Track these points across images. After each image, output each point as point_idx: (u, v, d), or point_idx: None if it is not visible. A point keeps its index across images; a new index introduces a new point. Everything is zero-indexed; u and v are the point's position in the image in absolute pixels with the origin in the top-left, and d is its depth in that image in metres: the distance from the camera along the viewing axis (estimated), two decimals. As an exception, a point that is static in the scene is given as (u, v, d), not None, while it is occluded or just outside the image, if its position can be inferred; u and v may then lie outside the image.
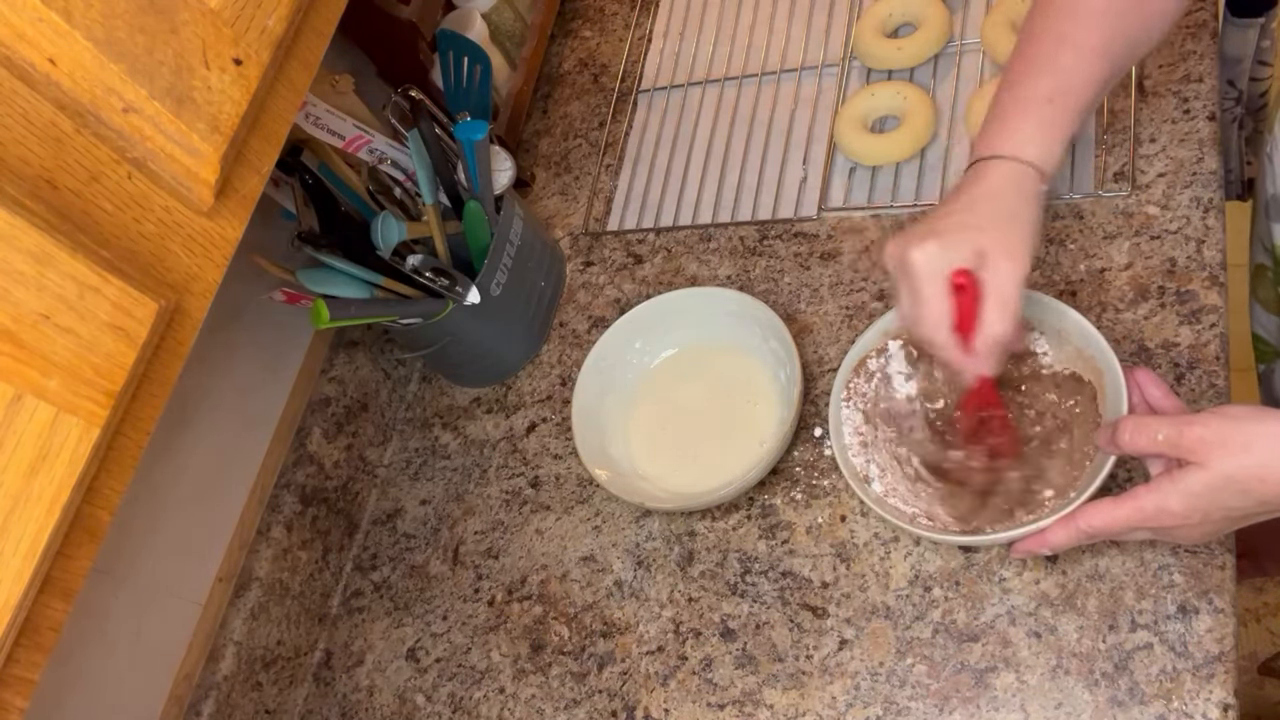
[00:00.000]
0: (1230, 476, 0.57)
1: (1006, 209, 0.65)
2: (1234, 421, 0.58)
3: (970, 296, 0.64)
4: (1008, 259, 0.63)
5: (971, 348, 0.65)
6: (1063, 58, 0.67)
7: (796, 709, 0.78)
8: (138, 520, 0.84)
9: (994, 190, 0.66)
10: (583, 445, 0.90)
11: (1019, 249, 0.64)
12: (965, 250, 0.64)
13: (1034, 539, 0.67)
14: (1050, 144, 0.66)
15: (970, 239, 0.64)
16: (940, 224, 0.66)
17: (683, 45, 1.16)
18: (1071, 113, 0.67)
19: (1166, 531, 0.63)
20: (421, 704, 0.91)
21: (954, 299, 0.64)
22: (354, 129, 0.89)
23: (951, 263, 0.64)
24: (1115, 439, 0.64)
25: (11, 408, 0.46)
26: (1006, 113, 0.68)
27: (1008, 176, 0.66)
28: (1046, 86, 0.67)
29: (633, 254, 1.05)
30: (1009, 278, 0.63)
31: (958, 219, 0.65)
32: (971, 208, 0.66)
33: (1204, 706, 0.67)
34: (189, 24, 0.54)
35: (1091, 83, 0.67)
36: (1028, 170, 0.66)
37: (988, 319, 0.64)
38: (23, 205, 0.47)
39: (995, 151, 0.67)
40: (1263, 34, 1.02)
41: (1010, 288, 0.64)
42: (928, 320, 0.65)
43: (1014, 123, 0.67)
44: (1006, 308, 0.64)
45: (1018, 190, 0.66)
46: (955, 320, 0.65)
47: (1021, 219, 0.65)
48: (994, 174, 0.66)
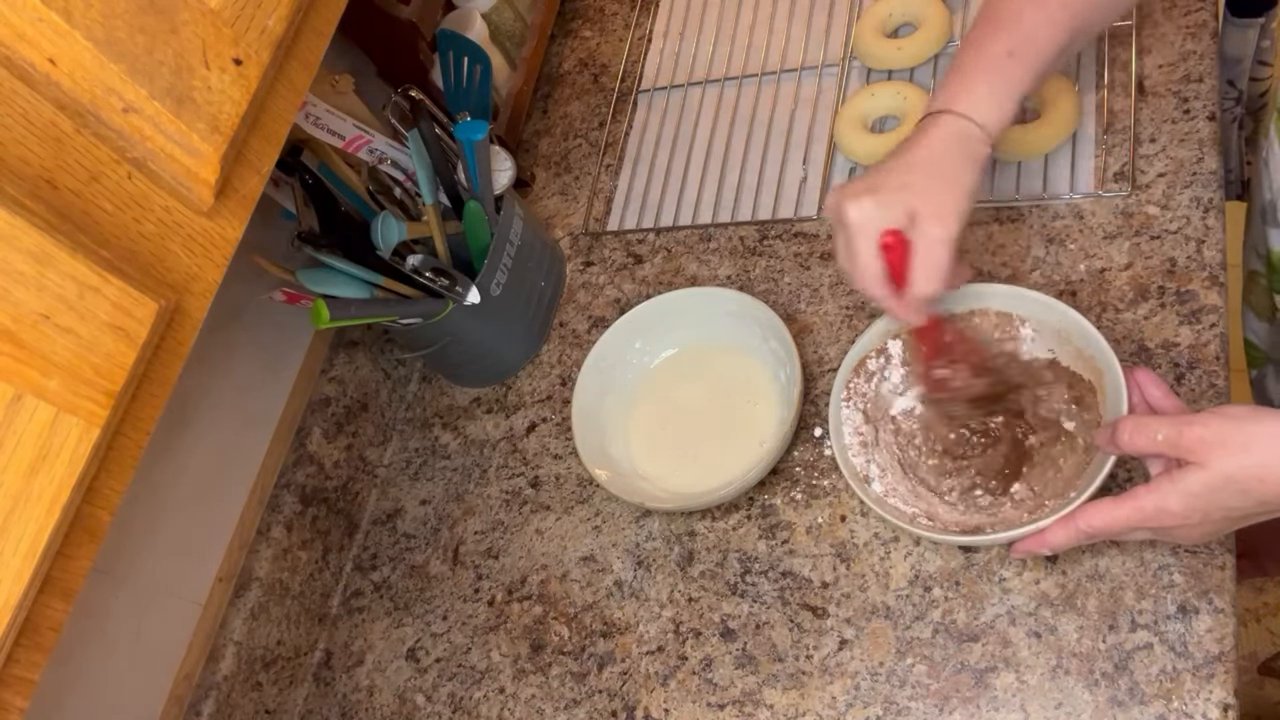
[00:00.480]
0: (1230, 476, 0.57)
1: (945, 172, 0.67)
2: (1234, 421, 0.58)
3: (898, 255, 0.67)
4: (937, 222, 0.66)
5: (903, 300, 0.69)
6: (1025, 13, 0.69)
7: (796, 709, 0.78)
8: (138, 520, 0.84)
9: (937, 151, 0.68)
10: (583, 445, 0.90)
11: (950, 212, 0.66)
12: (897, 210, 0.66)
13: (1034, 539, 0.67)
14: (1003, 102, 0.68)
15: (903, 199, 0.67)
16: (879, 180, 0.68)
17: (683, 45, 1.16)
18: (1029, 69, 0.68)
19: (1166, 532, 0.63)
20: (421, 704, 0.91)
21: (885, 257, 0.67)
22: (354, 129, 0.89)
23: (883, 221, 0.67)
24: (1115, 439, 0.64)
25: (11, 408, 0.46)
26: (965, 68, 0.70)
27: (954, 136, 0.68)
28: (1006, 41, 0.68)
29: (633, 254, 1.05)
30: (936, 240, 0.66)
31: (896, 178, 0.68)
32: (911, 167, 0.68)
33: (1204, 706, 0.67)
34: (189, 24, 0.54)
35: (1053, 40, 0.69)
36: (975, 130, 0.68)
37: (915, 279, 0.67)
38: (23, 205, 0.47)
39: (948, 106, 0.69)
40: (1263, 34, 1.02)
41: (937, 249, 0.66)
42: (860, 275, 0.69)
43: (971, 78, 0.69)
44: (933, 268, 0.67)
45: (961, 151, 0.68)
46: (888, 273, 0.68)
47: (958, 183, 0.67)
48: (941, 130, 0.68)
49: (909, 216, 0.66)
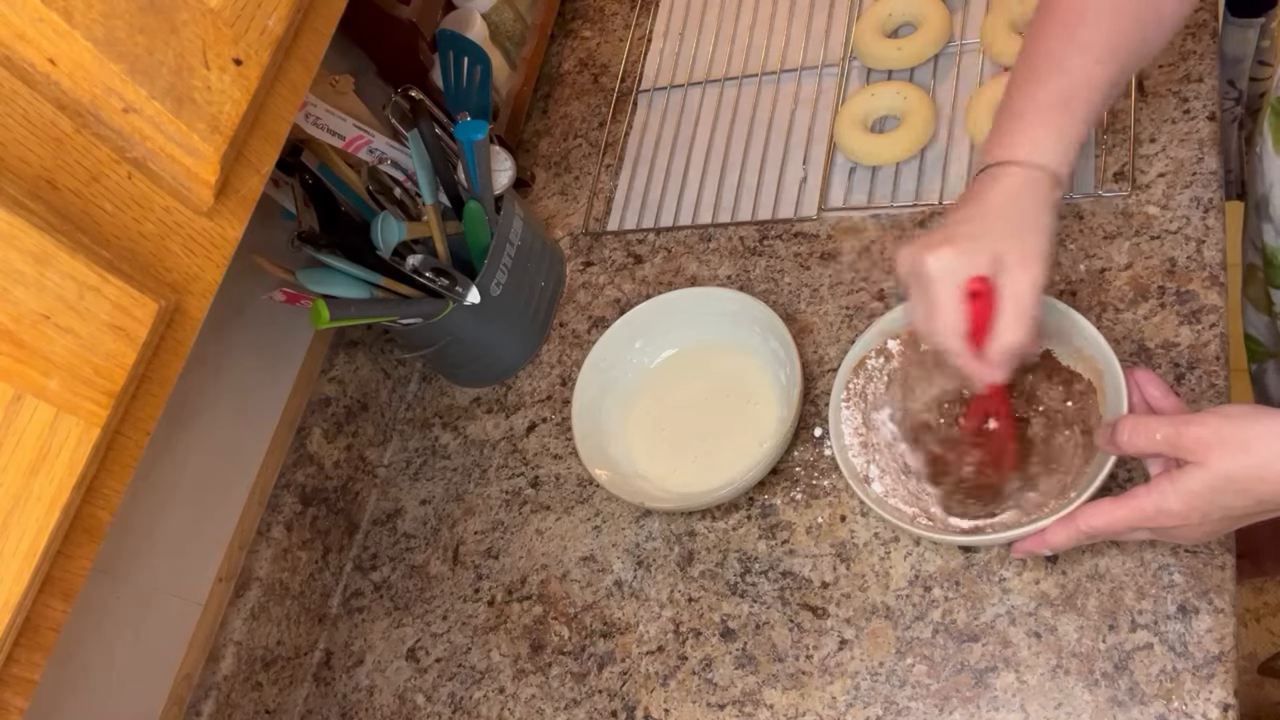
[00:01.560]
0: (1230, 476, 0.57)
1: (1023, 216, 0.64)
2: (1233, 421, 0.58)
3: (986, 304, 0.63)
4: (1024, 267, 0.63)
5: (984, 355, 0.65)
6: (1071, 60, 0.66)
7: (796, 709, 0.78)
8: (138, 520, 0.84)
9: (1010, 196, 0.65)
10: (583, 445, 0.90)
11: (1036, 256, 0.63)
12: (981, 257, 0.63)
13: (1034, 539, 0.67)
14: (1065, 148, 0.66)
15: (987, 246, 0.63)
16: (956, 230, 0.65)
17: (683, 45, 1.16)
18: (1083, 116, 0.66)
19: (1166, 532, 0.63)
20: (421, 704, 0.91)
21: (968, 306, 0.64)
22: (354, 129, 0.89)
23: (967, 269, 0.63)
24: (1114, 438, 0.64)
25: (11, 408, 0.46)
26: (1020, 116, 0.67)
27: (1024, 183, 0.65)
28: (1057, 89, 0.66)
29: (633, 254, 1.05)
30: (1026, 285, 0.63)
31: (974, 226, 0.65)
32: (987, 215, 0.65)
33: (1204, 706, 0.67)
34: (189, 24, 0.54)
35: (1101, 85, 0.66)
36: (1043, 176, 0.65)
37: (1003, 327, 0.64)
38: (23, 205, 0.47)
39: (1010, 157, 0.66)
40: (1263, 34, 1.02)
41: (1027, 295, 0.63)
42: (941, 327, 0.65)
43: (1028, 127, 0.66)
44: (1022, 316, 0.63)
45: (1034, 196, 0.65)
46: (969, 327, 0.64)
47: (1038, 226, 0.64)
48: (1009, 180, 0.66)
49: (994, 262, 0.63)
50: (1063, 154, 0.66)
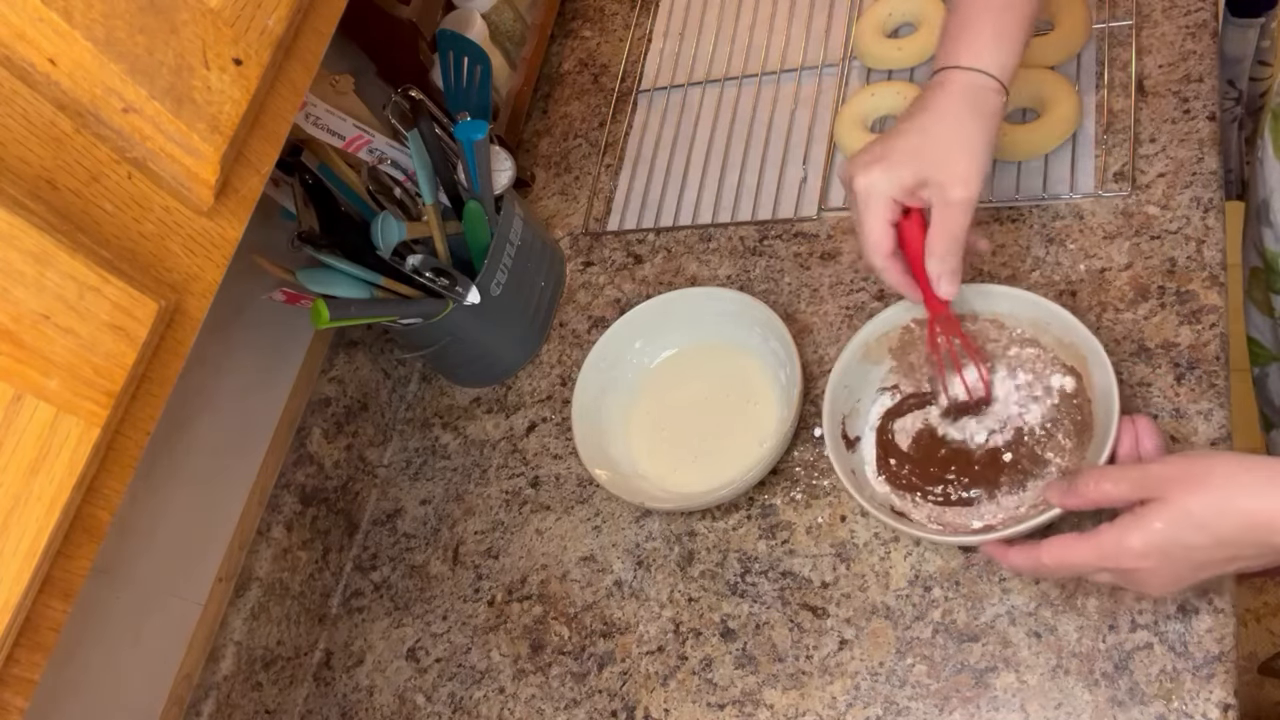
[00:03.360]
0: (1189, 511, 0.56)
1: (959, 131, 0.65)
2: (1193, 458, 0.58)
3: (914, 226, 0.64)
4: (954, 185, 0.63)
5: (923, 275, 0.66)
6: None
7: (796, 709, 0.78)
8: (138, 520, 0.84)
9: (948, 109, 0.66)
10: (583, 445, 0.90)
11: (968, 175, 0.64)
12: (909, 177, 0.64)
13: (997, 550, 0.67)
14: (1008, 52, 0.66)
15: (916, 166, 0.64)
16: (889, 145, 0.66)
17: (683, 45, 1.16)
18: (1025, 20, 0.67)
19: (1129, 575, 0.61)
20: (421, 704, 0.91)
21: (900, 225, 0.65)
22: (354, 129, 0.89)
23: (892, 191, 0.64)
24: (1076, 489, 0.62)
25: (11, 408, 0.46)
26: (961, 23, 0.68)
27: (964, 91, 0.66)
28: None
29: (633, 254, 1.05)
30: (954, 204, 0.63)
31: (907, 142, 0.65)
32: (924, 129, 0.66)
33: (1204, 706, 0.67)
34: (189, 24, 0.54)
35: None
36: (986, 81, 0.65)
37: (933, 246, 0.64)
38: (23, 205, 0.47)
39: (955, 62, 0.67)
40: (1263, 34, 1.02)
41: (955, 215, 0.64)
42: (866, 246, 0.66)
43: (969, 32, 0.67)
44: (952, 235, 0.64)
45: (973, 107, 0.65)
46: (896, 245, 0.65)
47: (972, 141, 0.65)
48: (950, 87, 0.66)
49: (923, 183, 0.63)
50: (1007, 58, 0.66)
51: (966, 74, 0.66)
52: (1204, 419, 0.76)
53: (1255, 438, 1.10)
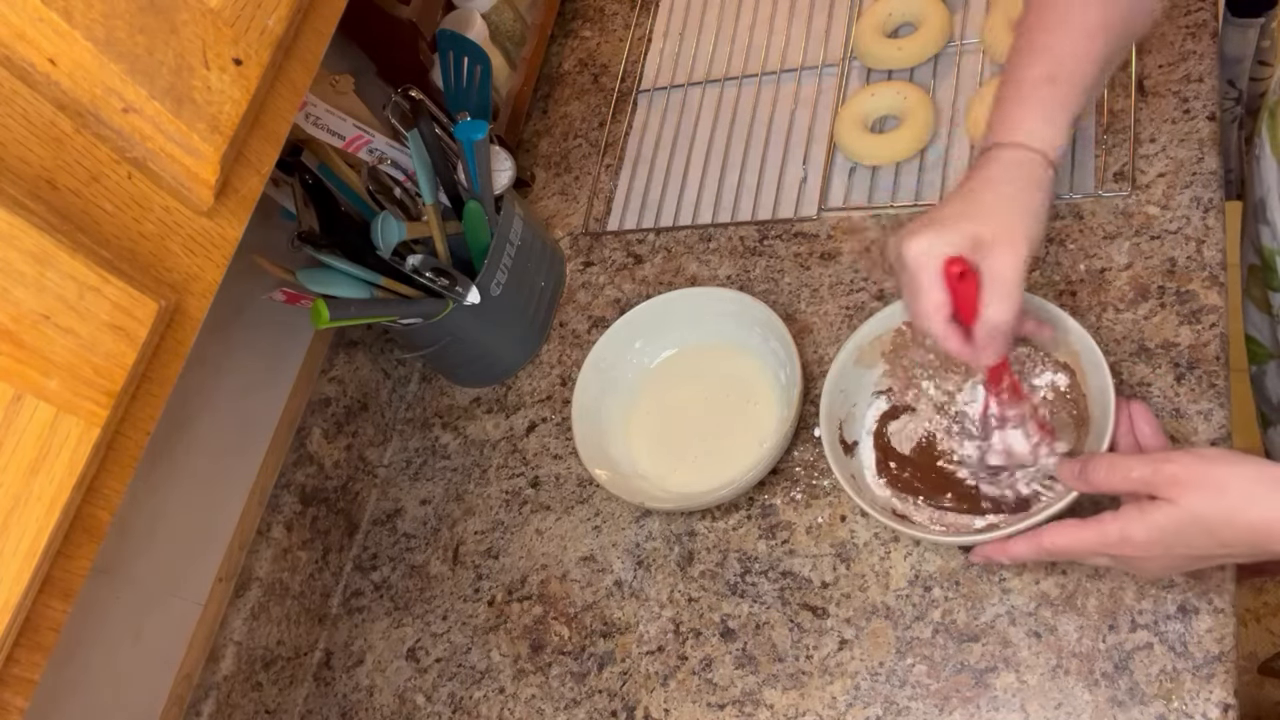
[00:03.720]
0: (1198, 516, 0.57)
1: (1006, 195, 0.65)
2: (1209, 462, 0.58)
3: (967, 286, 0.63)
4: (1005, 245, 0.63)
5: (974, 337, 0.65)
6: (1060, 36, 0.67)
7: (796, 709, 0.78)
8: (138, 520, 0.84)
9: (994, 177, 0.65)
10: (583, 445, 0.90)
11: (1017, 235, 0.63)
12: (960, 238, 0.63)
13: (995, 547, 0.67)
14: (1052, 125, 0.66)
15: (966, 227, 0.63)
16: (939, 214, 0.66)
17: (683, 45, 1.16)
18: (1073, 92, 0.66)
19: (1126, 561, 0.63)
20: (421, 704, 0.91)
21: (951, 289, 0.64)
22: (354, 129, 0.89)
23: (946, 251, 0.63)
24: (1087, 475, 0.63)
25: (11, 408, 0.46)
26: (1009, 99, 0.68)
27: (1010, 163, 0.65)
28: (1045, 67, 0.66)
29: (633, 254, 1.05)
30: (1007, 264, 0.63)
31: (954, 208, 0.65)
32: (970, 196, 0.66)
33: (1204, 706, 0.67)
34: (189, 24, 0.54)
35: (1091, 60, 0.66)
36: (1031, 155, 0.65)
37: (986, 306, 0.63)
38: (23, 205, 0.47)
39: (999, 140, 0.67)
40: (1263, 34, 1.02)
41: (1008, 274, 0.63)
42: (923, 310, 0.65)
43: (1014, 108, 0.67)
44: (1005, 294, 0.63)
45: (1020, 176, 0.65)
46: (954, 310, 0.64)
47: (1021, 204, 0.64)
48: (998, 162, 0.66)
49: (974, 243, 0.63)
50: (1051, 133, 0.66)
51: (1011, 150, 0.66)
52: (1204, 419, 0.76)
53: (1254, 437, 1.10)
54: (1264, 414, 1.05)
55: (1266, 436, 1.06)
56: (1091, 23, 0.66)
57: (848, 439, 0.80)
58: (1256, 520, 0.56)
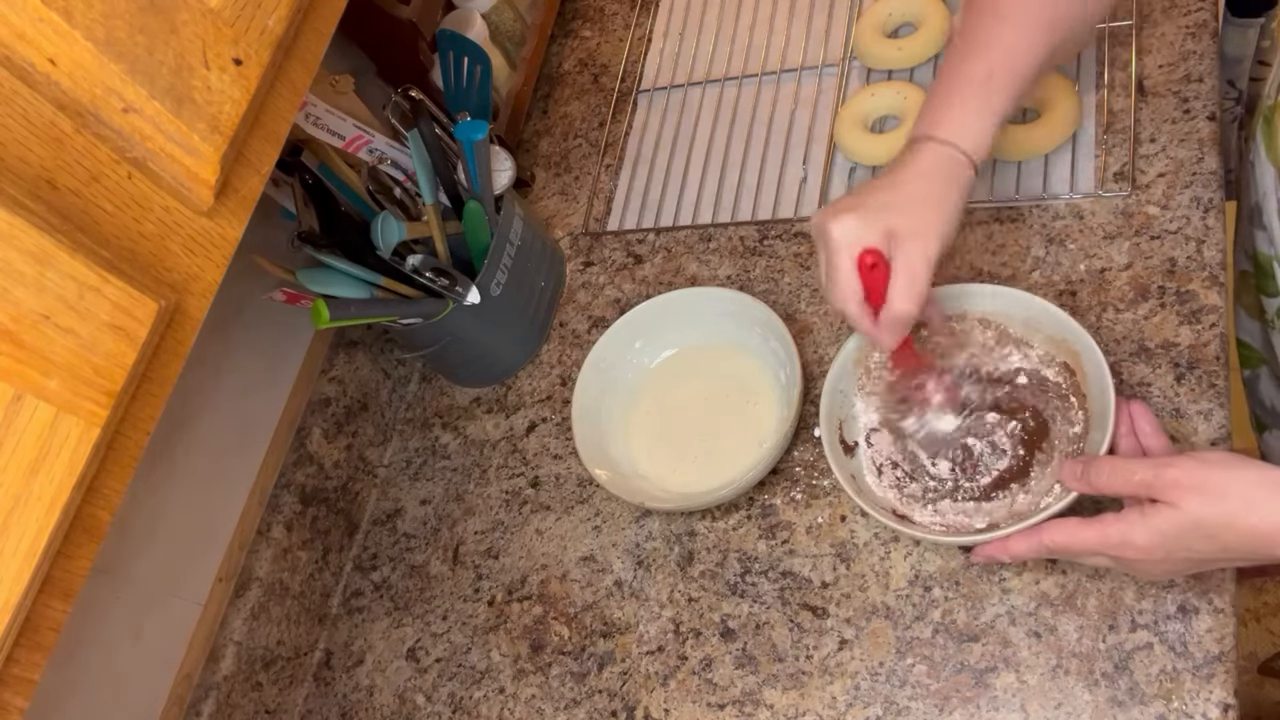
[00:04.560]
0: (1199, 521, 0.58)
1: (928, 192, 0.68)
2: (1211, 467, 0.58)
3: (879, 274, 0.67)
4: (918, 240, 0.66)
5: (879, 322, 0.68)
6: (1002, 35, 0.69)
7: (796, 709, 0.78)
8: (138, 520, 0.84)
9: (921, 172, 0.68)
10: (583, 445, 0.90)
11: (931, 231, 0.66)
12: (877, 230, 0.66)
13: (996, 545, 0.68)
14: (983, 129, 0.68)
15: (884, 218, 0.67)
16: (862, 198, 0.68)
17: (683, 45, 1.16)
18: (1009, 90, 0.68)
19: (1126, 563, 0.63)
20: (421, 704, 0.91)
21: (864, 276, 0.67)
22: (354, 129, 0.89)
23: (863, 239, 0.66)
24: (1089, 478, 0.64)
25: (11, 408, 0.46)
26: (946, 94, 0.70)
27: (937, 159, 0.68)
28: (984, 65, 0.68)
29: (633, 254, 1.05)
30: (917, 257, 0.66)
31: (879, 197, 0.68)
32: (895, 187, 0.69)
33: (1204, 706, 0.67)
34: (189, 24, 0.54)
35: (1031, 60, 0.69)
36: (958, 156, 0.68)
37: (892, 296, 0.67)
38: (23, 205, 0.47)
39: (929, 133, 0.69)
40: (1263, 34, 1.02)
41: (917, 268, 0.66)
42: (837, 292, 0.68)
43: (950, 105, 0.69)
44: (911, 286, 0.66)
45: (945, 174, 0.68)
46: (865, 295, 0.68)
47: (941, 204, 0.67)
48: (925, 156, 0.69)
49: (889, 235, 0.67)
50: (980, 132, 0.68)
51: (942, 146, 0.68)
52: (1204, 419, 0.76)
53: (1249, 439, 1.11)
54: (1258, 418, 1.05)
55: (1263, 440, 1.06)
56: (1037, 23, 0.68)
57: (848, 439, 0.80)
58: (1258, 524, 0.56)
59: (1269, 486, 0.56)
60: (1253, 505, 0.56)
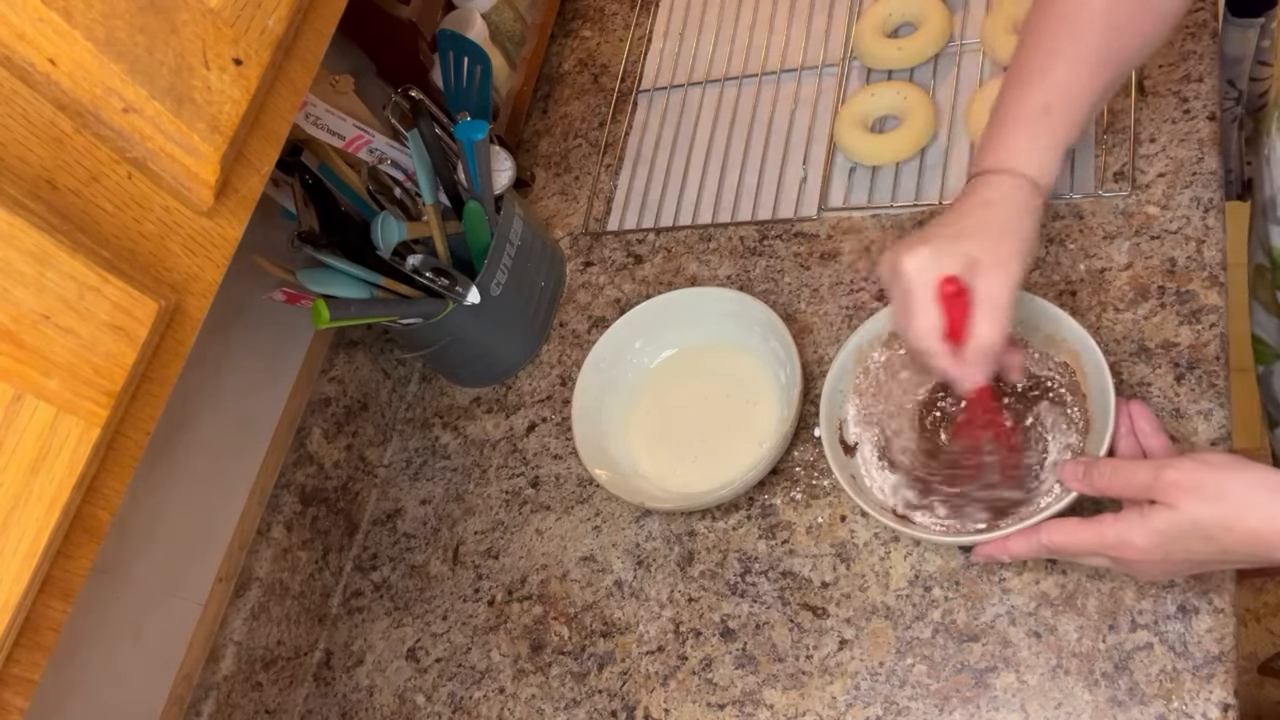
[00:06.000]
0: (1197, 522, 0.58)
1: (1000, 219, 0.66)
2: (1210, 468, 0.58)
3: (960, 305, 0.64)
4: (998, 267, 0.64)
5: (962, 356, 0.65)
6: (1058, 67, 0.67)
7: (796, 709, 0.78)
8: (138, 520, 0.84)
9: (989, 201, 0.66)
10: (583, 445, 0.90)
11: (1010, 258, 0.64)
12: (955, 258, 0.64)
13: (995, 545, 0.68)
14: (1046, 156, 0.67)
15: (961, 247, 0.64)
16: (934, 233, 0.66)
17: (683, 45, 1.16)
18: (1068, 122, 0.67)
19: (1125, 564, 0.63)
20: (421, 704, 0.91)
21: (944, 307, 0.64)
22: (354, 129, 0.89)
23: (941, 270, 0.64)
24: (1090, 479, 0.64)
25: (11, 408, 0.46)
26: (1003, 125, 0.68)
27: (1004, 190, 0.66)
28: (1042, 97, 0.67)
29: (633, 254, 1.05)
30: (999, 286, 0.64)
31: (951, 229, 0.66)
32: (965, 218, 0.66)
33: (1204, 706, 0.67)
34: (189, 24, 0.54)
35: (1089, 91, 0.67)
36: (1024, 184, 0.66)
37: (977, 327, 0.64)
38: (23, 205, 0.47)
39: (992, 165, 0.67)
40: (1263, 34, 1.02)
41: (1000, 296, 0.64)
42: (917, 328, 0.66)
43: (1010, 136, 0.67)
44: (996, 316, 0.64)
45: (1013, 203, 0.66)
46: (946, 328, 0.65)
47: (1015, 230, 0.65)
48: (991, 187, 0.67)
49: (969, 264, 0.64)
50: (1045, 162, 0.66)
51: (1004, 176, 0.66)
52: (1204, 419, 0.76)
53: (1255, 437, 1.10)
54: (1270, 414, 1.05)
55: (1274, 436, 1.06)
56: (1095, 52, 0.66)
57: (848, 439, 0.80)
58: (1257, 527, 0.56)
59: (1268, 489, 0.56)
60: (1251, 507, 0.56)
